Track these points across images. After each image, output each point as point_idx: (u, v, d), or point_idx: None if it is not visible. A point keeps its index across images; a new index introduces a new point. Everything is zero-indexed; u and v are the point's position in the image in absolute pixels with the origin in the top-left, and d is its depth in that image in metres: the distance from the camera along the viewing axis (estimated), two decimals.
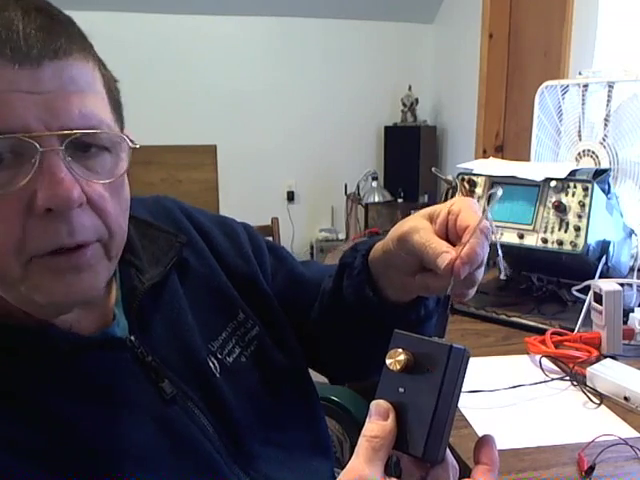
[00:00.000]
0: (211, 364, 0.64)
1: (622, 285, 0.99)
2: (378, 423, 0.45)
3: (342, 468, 0.45)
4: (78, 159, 0.49)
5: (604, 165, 1.33)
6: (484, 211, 0.50)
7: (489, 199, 0.49)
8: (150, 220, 0.69)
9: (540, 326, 1.08)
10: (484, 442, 0.47)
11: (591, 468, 0.66)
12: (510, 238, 1.14)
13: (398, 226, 0.58)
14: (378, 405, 0.46)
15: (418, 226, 0.55)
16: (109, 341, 0.58)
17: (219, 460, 0.59)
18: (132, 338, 0.58)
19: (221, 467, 0.59)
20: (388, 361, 0.47)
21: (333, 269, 0.75)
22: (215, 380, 0.63)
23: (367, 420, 0.46)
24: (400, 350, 0.47)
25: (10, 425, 0.49)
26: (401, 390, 0.47)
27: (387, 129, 4.06)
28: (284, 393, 0.70)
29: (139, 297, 0.61)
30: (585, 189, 1.07)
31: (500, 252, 1.12)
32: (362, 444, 0.44)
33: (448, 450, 0.47)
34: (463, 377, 0.47)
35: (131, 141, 0.54)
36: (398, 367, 0.46)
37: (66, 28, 0.49)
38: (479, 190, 1.20)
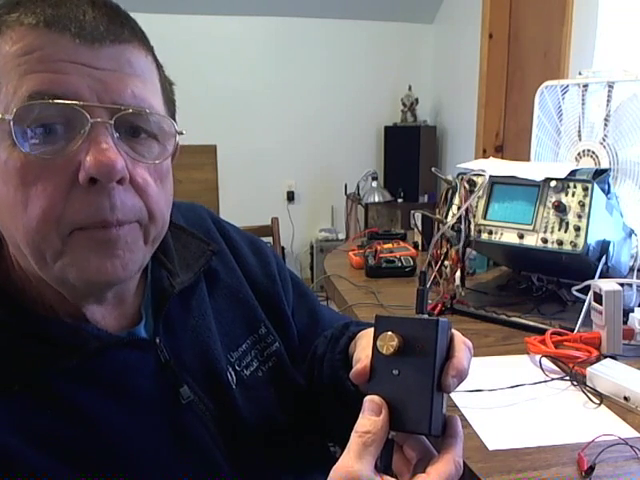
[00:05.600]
0: (229, 375, 0.64)
1: (622, 285, 0.99)
2: (370, 418, 0.46)
3: None
4: (127, 141, 0.51)
5: (604, 165, 1.33)
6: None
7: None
8: (184, 225, 0.70)
9: (540, 326, 1.08)
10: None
11: (591, 468, 0.66)
12: (510, 238, 1.14)
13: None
14: (371, 401, 0.47)
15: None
16: (136, 341, 0.58)
17: (226, 469, 0.59)
18: (157, 340, 0.59)
19: (227, 476, 0.59)
20: (379, 344, 0.48)
21: (344, 320, 0.82)
22: (231, 391, 0.63)
23: (360, 415, 0.46)
24: (390, 334, 0.48)
25: (35, 416, 0.50)
26: (395, 372, 0.47)
27: (387, 129, 4.07)
28: (296, 410, 0.70)
29: (169, 300, 0.61)
30: (585, 189, 1.07)
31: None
32: (354, 439, 0.45)
33: (459, 424, 0.48)
34: (447, 345, 0.49)
35: (179, 132, 0.55)
36: (391, 351, 0.47)
37: (130, 23, 0.52)
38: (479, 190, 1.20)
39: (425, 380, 0.46)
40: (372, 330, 0.50)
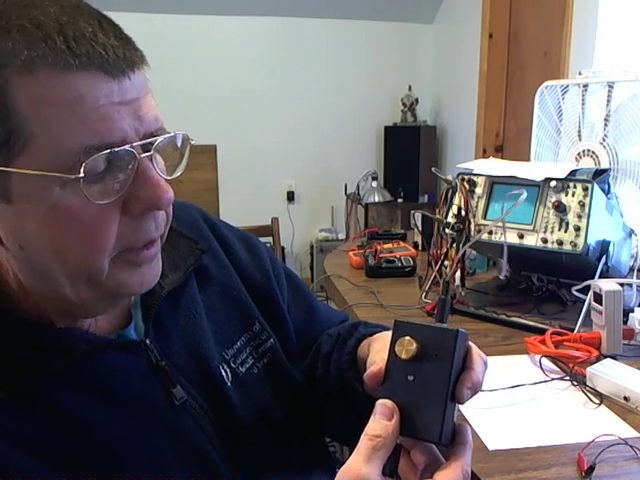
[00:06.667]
0: (223, 372, 0.64)
1: (622, 285, 0.99)
2: (381, 422, 0.45)
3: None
4: (157, 163, 0.52)
5: (604, 165, 1.33)
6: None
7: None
8: (173, 225, 0.69)
9: (540, 326, 1.08)
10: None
11: (591, 468, 0.66)
12: (510, 238, 1.14)
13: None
14: (384, 405, 0.46)
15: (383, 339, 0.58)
16: (125, 343, 0.58)
17: (223, 469, 0.59)
18: (147, 342, 0.59)
19: (224, 476, 0.59)
20: (398, 348, 0.48)
21: (340, 316, 0.84)
22: (226, 389, 0.63)
23: (371, 418, 0.46)
24: (409, 338, 0.47)
25: (25, 423, 0.50)
26: (410, 378, 0.47)
27: (387, 129, 4.07)
28: (293, 407, 0.70)
29: (158, 301, 0.61)
30: (585, 189, 1.07)
31: (505, 253, 1.13)
32: (363, 442, 0.45)
33: (469, 432, 0.48)
34: (464, 356, 0.49)
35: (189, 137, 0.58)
36: (409, 356, 0.47)
37: (131, 39, 0.51)
38: (479, 190, 1.20)
39: (440, 388, 0.46)
40: (387, 334, 0.50)
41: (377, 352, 0.56)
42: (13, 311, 0.53)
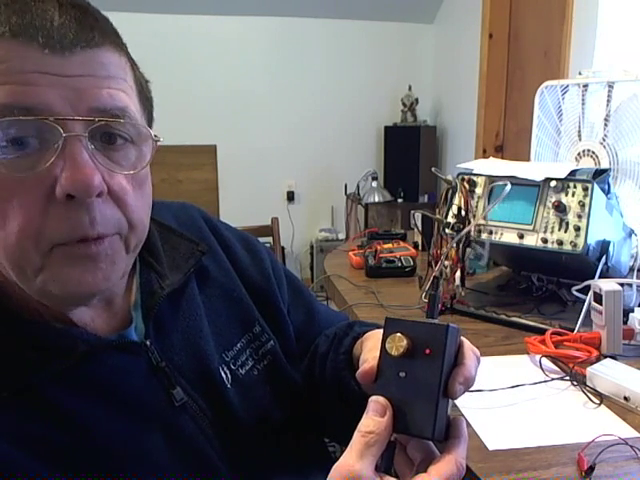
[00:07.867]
0: (223, 374, 0.64)
1: (622, 285, 0.99)
2: (374, 419, 0.45)
3: None
4: (102, 149, 0.49)
5: (604, 165, 1.33)
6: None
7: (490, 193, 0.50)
8: (174, 226, 0.69)
9: (540, 326, 1.08)
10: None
11: (591, 468, 0.66)
12: (510, 238, 1.14)
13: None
14: (376, 401, 0.47)
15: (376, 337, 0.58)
16: (126, 344, 0.58)
17: (222, 470, 0.59)
18: (147, 343, 0.59)
19: (224, 477, 0.59)
20: (388, 345, 0.47)
21: (340, 317, 0.84)
22: (226, 390, 0.63)
23: (364, 415, 0.46)
24: (400, 335, 0.47)
25: (26, 423, 0.50)
26: (402, 375, 0.47)
27: (387, 129, 4.07)
28: (293, 409, 0.70)
29: (158, 302, 0.61)
30: (585, 189, 1.07)
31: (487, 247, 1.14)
32: (356, 439, 0.45)
33: (464, 425, 0.48)
34: (456, 352, 0.49)
35: (155, 136, 0.54)
36: (399, 352, 0.47)
37: (100, 24, 0.50)
38: (479, 190, 1.20)
39: (432, 384, 0.46)
40: (379, 332, 0.49)
41: (369, 350, 0.56)
42: (12, 309, 0.53)
